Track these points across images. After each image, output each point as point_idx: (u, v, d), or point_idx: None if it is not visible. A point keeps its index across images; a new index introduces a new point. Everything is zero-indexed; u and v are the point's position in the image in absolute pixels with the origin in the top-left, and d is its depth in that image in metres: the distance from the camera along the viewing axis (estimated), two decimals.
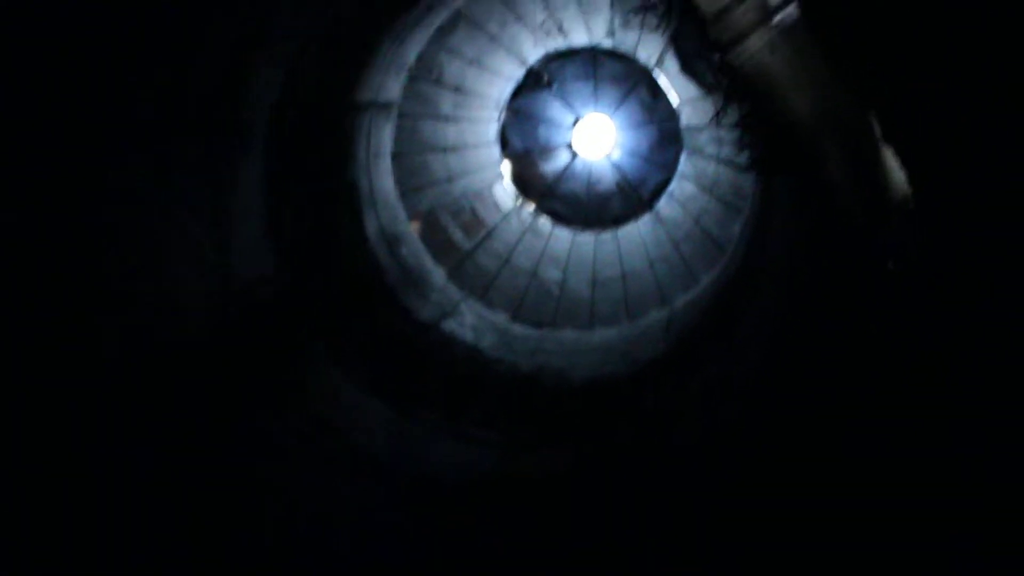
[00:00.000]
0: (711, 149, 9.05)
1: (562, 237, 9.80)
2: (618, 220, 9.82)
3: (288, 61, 5.28)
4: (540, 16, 8.67)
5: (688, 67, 6.19)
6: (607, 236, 9.79)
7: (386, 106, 7.87)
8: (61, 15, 3.61)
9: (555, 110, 9.80)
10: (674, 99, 9.27)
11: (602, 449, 6.31)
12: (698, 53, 4.59)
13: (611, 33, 8.79)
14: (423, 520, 5.71)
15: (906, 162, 3.38)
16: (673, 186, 9.56)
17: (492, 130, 9.65)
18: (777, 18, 3.94)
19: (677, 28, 5.24)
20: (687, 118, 9.20)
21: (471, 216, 9.41)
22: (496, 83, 9.30)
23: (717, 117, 6.20)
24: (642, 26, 6.97)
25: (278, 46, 5.17)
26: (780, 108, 4.14)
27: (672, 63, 8.41)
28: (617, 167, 9.94)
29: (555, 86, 9.58)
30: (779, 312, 5.49)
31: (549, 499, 5.84)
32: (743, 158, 6.27)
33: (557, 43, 9.15)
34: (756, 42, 4.07)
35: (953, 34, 2.85)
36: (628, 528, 5.35)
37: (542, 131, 9.92)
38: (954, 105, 3.00)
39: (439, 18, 7.99)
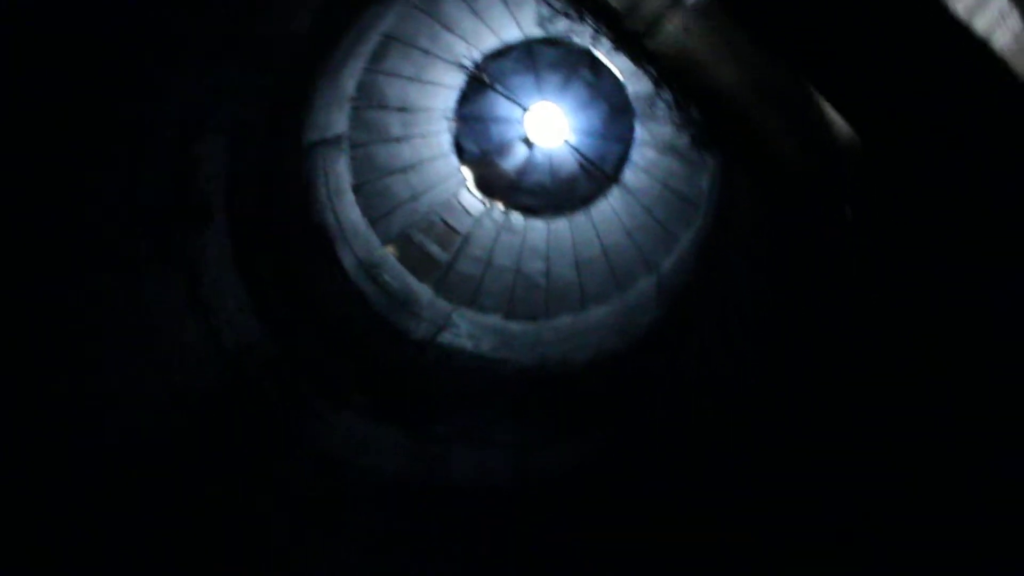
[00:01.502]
0: (663, 112, 9.12)
1: (537, 228, 9.88)
2: (588, 200, 9.89)
3: (233, 129, 5.34)
4: (468, 21, 8.74)
5: (618, 51, 6.25)
6: (581, 217, 9.87)
7: (336, 141, 7.94)
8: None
9: (503, 108, 9.86)
10: (617, 72, 9.34)
11: (617, 428, 6.36)
12: (620, 42, 4.65)
13: (541, 23, 8.85)
14: (449, 534, 5.79)
15: (844, 112, 3.47)
16: (634, 155, 9.64)
17: (445, 141, 9.71)
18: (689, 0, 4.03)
19: (595, 24, 5.30)
20: (634, 87, 9.27)
21: (444, 228, 9.50)
22: (439, 94, 9.37)
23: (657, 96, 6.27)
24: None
25: (222, 117, 5.23)
26: (708, 85, 4.22)
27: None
28: (575, 149, 10.00)
29: (498, 85, 9.65)
30: (760, 262, 5.57)
31: (572, 492, 5.90)
32: (684, 139, 6.35)
33: (491, 43, 9.22)
34: (671, 27, 4.15)
35: None
36: (655, 504, 5.42)
37: (495, 131, 9.98)
38: (878, 56, 3.07)
39: (370, 45, 8.05)
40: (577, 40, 9.15)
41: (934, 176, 3.23)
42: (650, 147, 9.39)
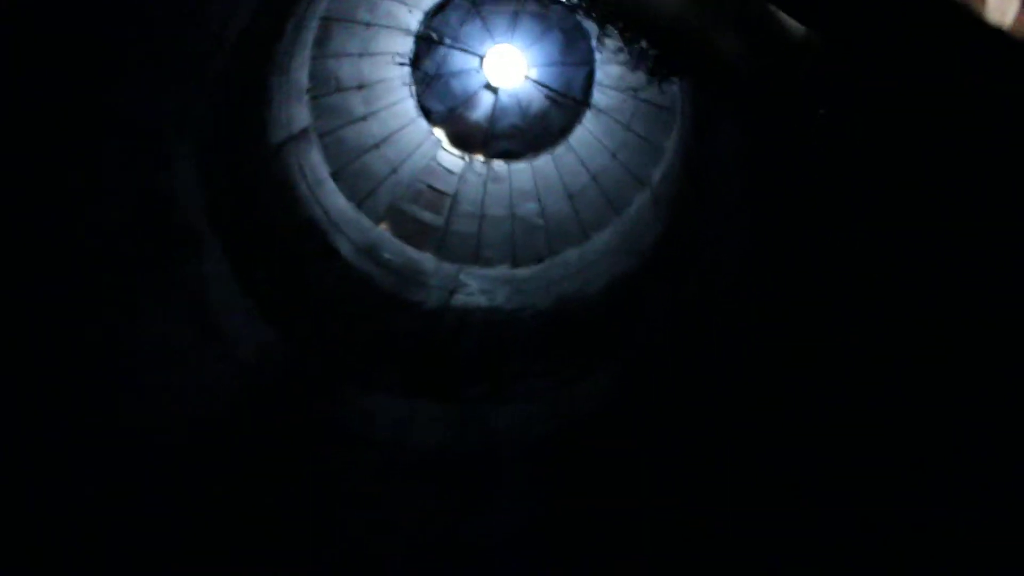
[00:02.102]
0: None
1: (522, 170, 9.83)
2: (564, 130, 9.82)
3: (198, 150, 5.33)
4: None
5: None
6: (562, 150, 9.81)
7: (303, 134, 7.89)
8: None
9: (458, 60, 9.76)
10: None
11: (641, 352, 6.39)
12: None
13: None
14: (501, 492, 5.87)
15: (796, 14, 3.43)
16: (599, 75, 9.54)
17: (410, 107, 9.63)
18: None
19: None
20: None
21: (430, 193, 9.47)
22: (392, 63, 9.27)
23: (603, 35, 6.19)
24: None
25: (183, 140, 5.21)
26: (654, 15, 4.16)
27: None
28: (539, 83, 9.91)
29: (447, 39, 9.54)
30: (739, 165, 5.56)
31: (609, 426, 5.95)
32: (642, 75, 6.28)
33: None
34: None
35: None
36: (686, 427, 5.47)
37: (456, 85, 9.90)
38: None
39: (311, 31, 7.96)
40: None
41: (890, 70, 3.21)
42: (613, 64, 9.28)
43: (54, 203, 4.22)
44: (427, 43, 9.44)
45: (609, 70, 9.37)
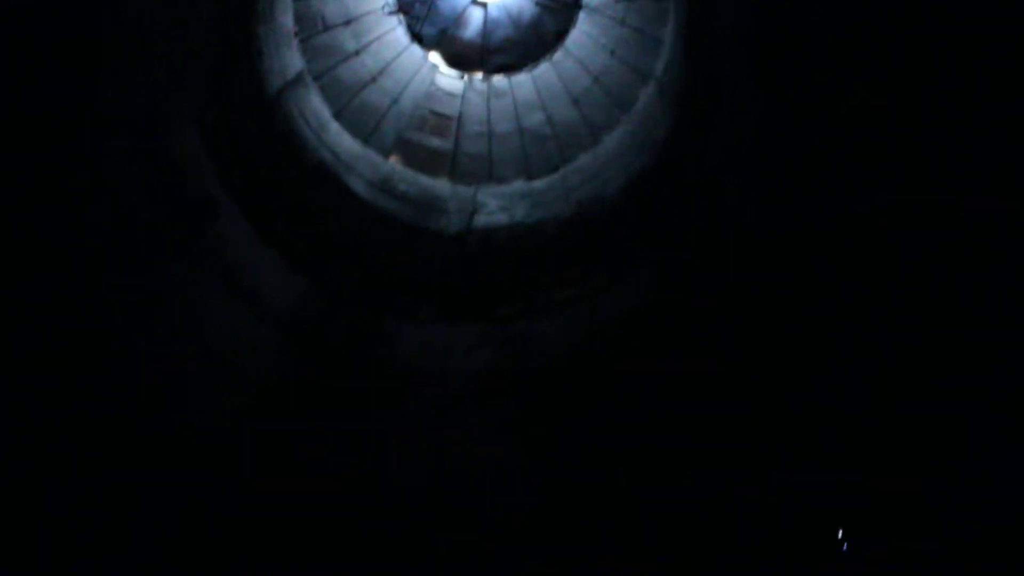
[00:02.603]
0: None
1: (522, 82, 9.69)
2: (559, 36, 9.61)
3: (199, 115, 5.33)
4: None
5: None
6: (559, 55, 9.63)
7: (299, 79, 7.81)
8: None
9: None
10: None
11: (669, 249, 6.37)
12: None
13: None
14: (547, 405, 5.96)
15: None
16: None
17: (401, 35, 9.47)
18: None
19: None
20: None
21: (435, 118, 9.38)
22: None
23: None
24: None
25: (183, 106, 5.20)
26: None
27: None
28: None
29: None
30: (748, 36, 5.44)
31: (647, 328, 5.98)
32: None
33: None
34: None
35: None
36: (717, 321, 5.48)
37: (443, 5, 9.70)
38: None
39: None
40: None
41: None
42: None
43: (65, 195, 4.27)
44: None
45: None
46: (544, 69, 9.65)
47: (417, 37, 9.59)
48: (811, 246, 5.08)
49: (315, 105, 8.01)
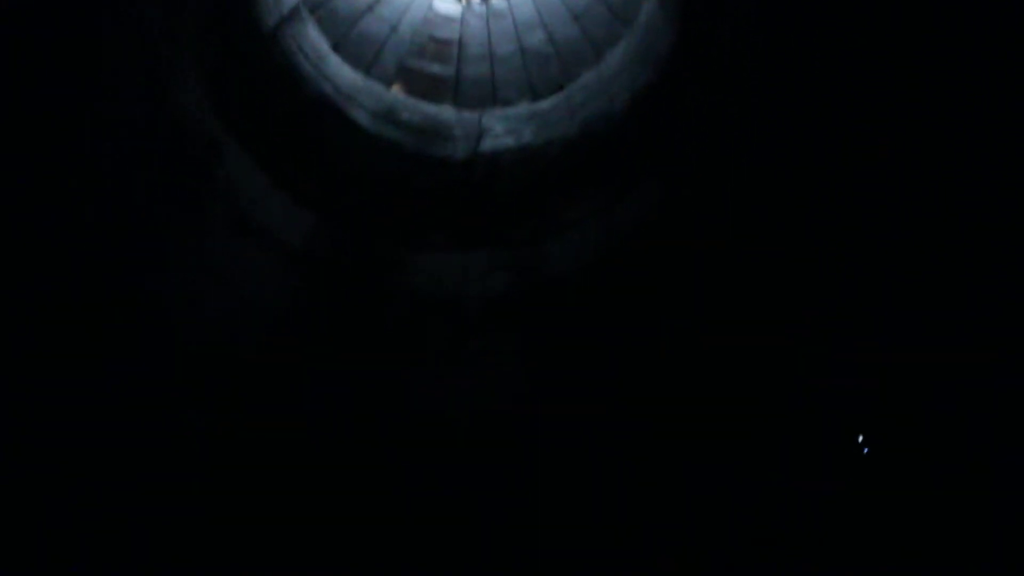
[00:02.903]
0: None
1: (522, 1, 9.55)
2: None
3: (200, 60, 5.31)
4: None
5: None
6: None
7: (295, 13, 7.72)
8: None
9: None
10: None
11: (677, 162, 6.35)
12: None
13: None
14: (569, 327, 6.02)
15: None
16: None
17: None
18: None
19: None
20: None
21: (434, 44, 9.27)
22: None
23: None
24: None
25: (181, 43, 5.19)
26: None
27: None
28: None
29: None
30: None
31: (660, 243, 6.00)
32: None
33: None
34: None
35: None
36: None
37: None
38: None
39: None
40: None
41: None
42: None
43: (65, 144, 4.31)
44: None
45: None
46: None
47: None
48: (815, 160, 5.08)
49: (313, 38, 7.93)
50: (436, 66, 9.14)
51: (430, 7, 9.47)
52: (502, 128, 8.51)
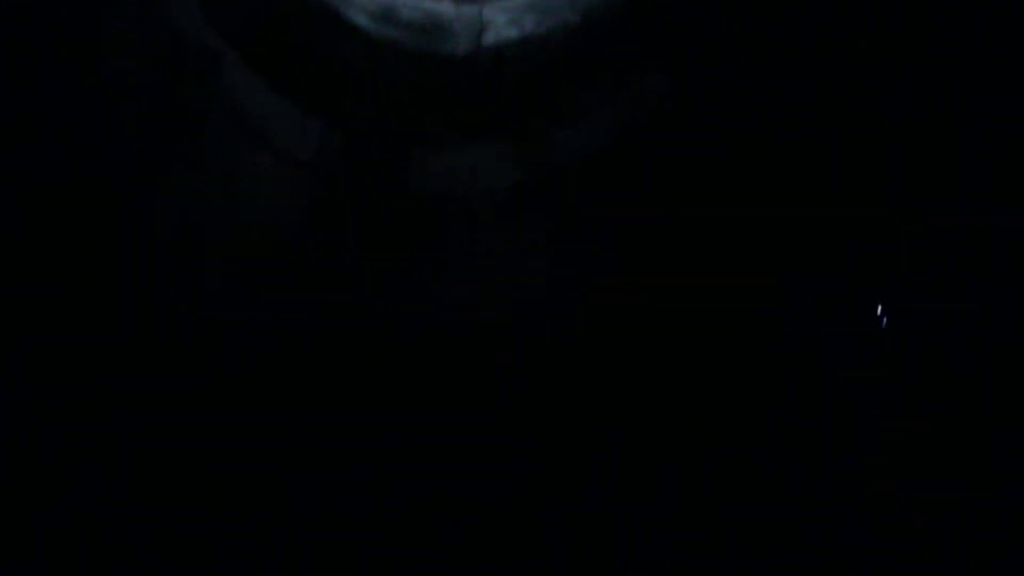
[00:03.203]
0: None
1: None
2: None
3: None
4: None
5: None
6: None
7: None
8: None
9: None
10: None
11: (684, 52, 6.26)
12: None
13: None
14: (582, 218, 6.05)
15: None
16: None
17: None
18: None
19: None
20: None
21: None
22: None
23: None
24: None
25: None
26: None
27: None
28: None
29: None
30: None
31: (667, 130, 5.97)
32: None
33: None
34: None
35: None
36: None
37: None
38: None
39: None
40: None
41: None
42: None
43: (63, 65, 4.32)
44: None
45: None
46: None
47: None
48: (829, 46, 5.01)
49: None
50: None
51: None
52: (504, 20, 8.34)
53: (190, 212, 5.15)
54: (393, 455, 5.44)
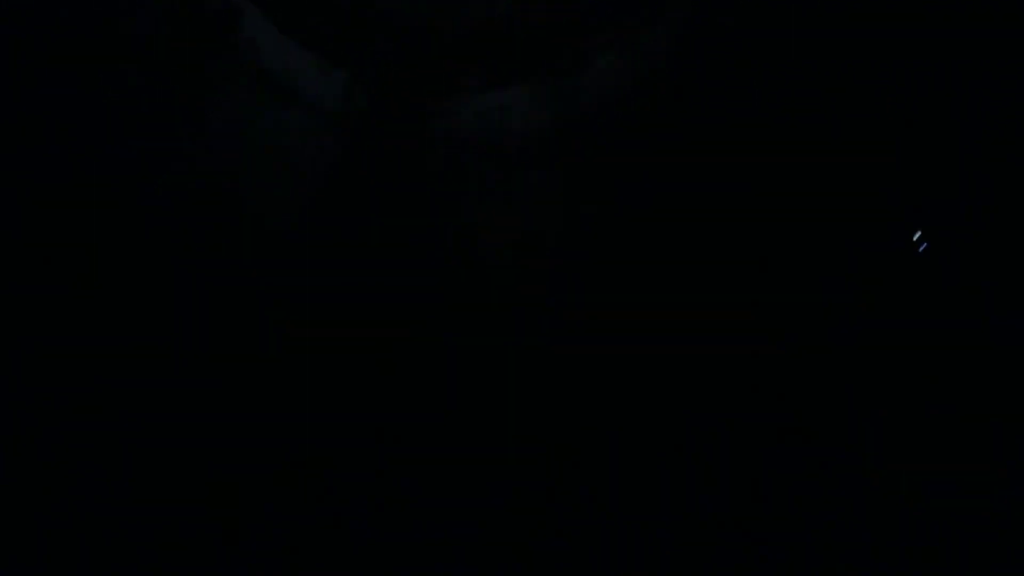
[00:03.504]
0: None
1: None
2: None
3: None
4: None
5: None
6: None
7: None
8: None
9: None
10: None
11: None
12: None
13: None
14: (607, 159, 5.99)
15: None
16: None
17: None
18: None
19: None
20: None
21: None
22: None
23: None
24: None
25: None
26: None
27: None
28: None
29: None
30: None
31: (688, 71, 5.93)
32: None
33: None
34: None
35: None
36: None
37: None
38: None
39: None
40: None
41: None
42: None
43: (82, 22, 4.29)
44: None
45: None
46: None
47: None
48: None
49: None
50: None
51: None
52: None
53: (216, 165, 5.12)
54: (416, 384, 5.44)
